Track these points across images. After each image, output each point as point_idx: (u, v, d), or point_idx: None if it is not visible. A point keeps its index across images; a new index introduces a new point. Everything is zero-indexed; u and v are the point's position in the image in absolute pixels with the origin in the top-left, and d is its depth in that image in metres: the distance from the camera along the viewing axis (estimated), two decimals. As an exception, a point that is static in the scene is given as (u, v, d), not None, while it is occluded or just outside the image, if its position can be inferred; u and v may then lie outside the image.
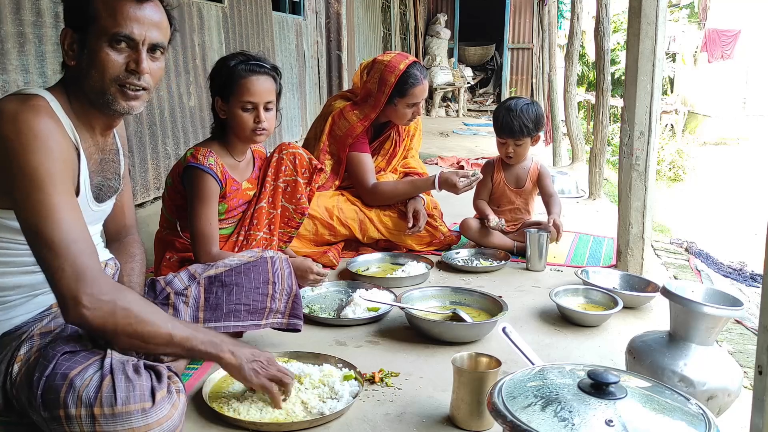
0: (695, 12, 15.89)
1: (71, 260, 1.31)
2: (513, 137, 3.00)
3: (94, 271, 1.34)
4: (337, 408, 1.61)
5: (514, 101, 3.05)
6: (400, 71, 2.88)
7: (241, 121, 2.13)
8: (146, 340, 1.39)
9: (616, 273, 2.63)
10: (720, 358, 1.58)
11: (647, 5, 2.54)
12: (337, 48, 7.21)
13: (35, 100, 1.39)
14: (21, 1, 2.48)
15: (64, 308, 1.33)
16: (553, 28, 8.36)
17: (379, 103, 2.93)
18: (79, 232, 1.35)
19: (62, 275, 1.31)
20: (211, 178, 2.10)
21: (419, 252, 3.02)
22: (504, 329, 1.66)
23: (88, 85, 1.45)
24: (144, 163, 3.35)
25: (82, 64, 1.44)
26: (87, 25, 1.42)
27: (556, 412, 1.11)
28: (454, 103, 12.25)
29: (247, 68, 2.10)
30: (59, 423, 1.34)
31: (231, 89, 2.11)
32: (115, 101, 1.46)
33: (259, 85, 2.11)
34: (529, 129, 2.98)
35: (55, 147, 1.36)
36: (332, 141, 2.99)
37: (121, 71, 1.44)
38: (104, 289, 1.34)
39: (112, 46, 1.42)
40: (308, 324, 2.16)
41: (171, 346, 1.43)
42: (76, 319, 1.33)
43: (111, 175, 1.62)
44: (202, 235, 2.09)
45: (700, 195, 9.75)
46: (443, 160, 6.15)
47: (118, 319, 1.35)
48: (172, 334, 1.42)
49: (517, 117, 2.96)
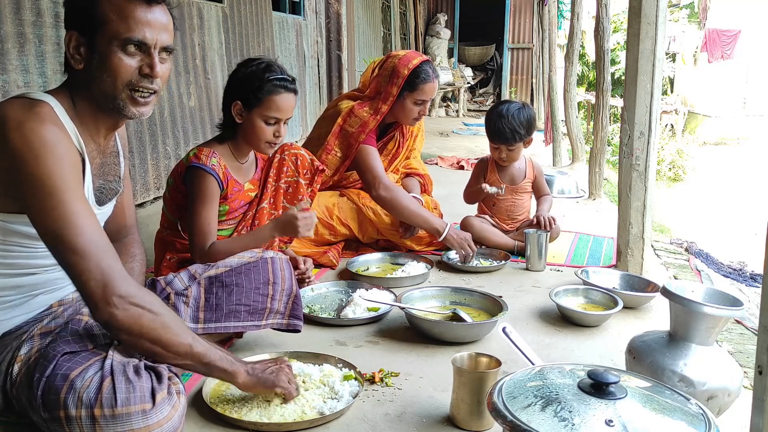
0: (695, 12, 15.89)
1: (97, 263, 1.33)
2: (505, 143, 3.00)
3: (121, 272, 1.37)
4: (337, 408, 1.61)
5: (505, 106, 3.02)
6: (414, 65, 2.88)
7: (260, 133, 2.14)
8: (167, 348, 1.40)
9: (616, 273, 2.63)
10: (720, 358, 1.58)
11: (647, 5, 2.54)
12: (337, 48, 7.22)
13: (40, 106, 1.38)
14: (21, 1, 2.48)
15: (93, 308, 1.35)
16: (553, 28, 8.36)
17: (390, 96, 2.89)
18: (99, 235, 1.37)
19: (90, 277, 1.32)
20: (212, 178, 2.10)
21: (419, 252, 3.02)
22: (504, 329, 1.66)
23: (98, 89, 1.44)
24: (144, 163, 3.35)
25: (92, 68, 1.43)
26: (95, 29, 1.40)
27: (556, 412, 1.11)
28: (454, 103, 12.25)
29: (279, 84, 2.11)
30: (59, 424, 1.34)
31: (258, 100, 2.10)
32: (126, 107, 1.46)
33: (287, 103, 2.14)
34: (521, 135, 2.98)
35: (65, 154, 1.36)
36: (343, 140, 2.94)
37: (134, 75, 1.43)
38: (132, 291, 1.36)
39: (124, 51, 1.41)
40: (308, 324, 2.16)
41: (188, 357, 1.44)
42: (105, 319, 1.35)
43: (112, 178, 1.62)
44: (199, 231, 2.08)
45: (700, 195, 9.74)
46: (443, 160, 6.15)
47: (144, 323, 1.36)
48: (191, 345, 1.43)
49: (508, 123, 2.95)
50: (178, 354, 1.42)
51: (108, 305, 1.33)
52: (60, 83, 1.53)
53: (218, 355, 1.49)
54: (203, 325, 1.80)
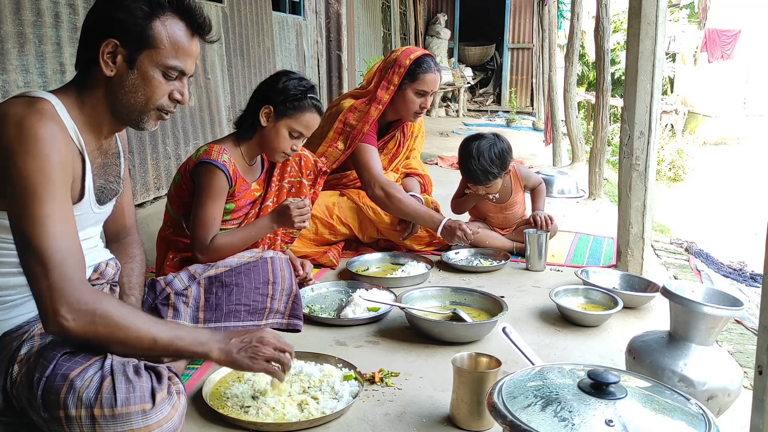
0: (695, 12, 15.89)
1: (54, 270, 1.30)
2: (479, 184, 2.93)
3: (76, 281, 1.33)
4: (337, 408, 1.61)
5: (476, 144, 2.89)
6: (416, 56, 2.90)
7: (281, 141, 2.19)
8: (130, 346, 1.39)
9: (616, 273, 2.63)
10: (720, 358, 1.58)
11: (647, 5, 2.54)
12: (337, 48, 7.21)
13: (40, 103, 1.38)
14: (21, 1, 2.48)
15: (43, 319, 1.33)
16: (553, 28, 8.37)
17: (391, 84, 2.89)
18: (67, 242, 1.34)
19: (43, 285, 1.31)
20: (222, 174, 2.11)
21: (419, 252, 3.02)
22: (504, 329, 1.66)
23: (126, 101, 1.47)
24: (144, 163, 3.35)
25: (125, 80, 1.45)
26: (141, 47, 1.44)
27: (556, 412, 1.11)
28: (454, 103, 12.26)
29: (316, 105, 2.21)
30: (59, 424, 1.34)
31: (293, 110, 2.17)
32: (148, 122, 1.52)
33: (314, 123, 2.24)
34: (494, 173, 2.88)
35: (55, 153, 1.35)
36: (345, 132, 2.93)
37: (165, 98, 1.50)
38: (84, 298, 1.33)
39: (165, 76, 1.47)
40: (308, 324, 2.16)
41: (156, 350, 1.42)
42: (56, 329, 1.32)
43: (112, 178, 1.62)
44: (202, 225, 2.08)
45: (700, 195, 9.74)
46: (443, 160, 6.15)
47: (98, 327, 1.34)
48: (155, 338, 1.40)
49: (479, 165, 2.85)
50: (143, 349, 1.40)
51: (56, 315, 1.30)
52: (59, 83, 1.53)
53: (186, 340, 1.45)
54: (203, 325, 1.80)
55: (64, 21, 2.71)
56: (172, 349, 1.44)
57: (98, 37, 1.43)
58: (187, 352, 1.47)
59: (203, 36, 1.54)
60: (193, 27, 1.51)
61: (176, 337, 1.44)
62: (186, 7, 1.49)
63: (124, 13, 1.43)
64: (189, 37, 1.50)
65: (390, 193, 2.87)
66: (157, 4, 1.45)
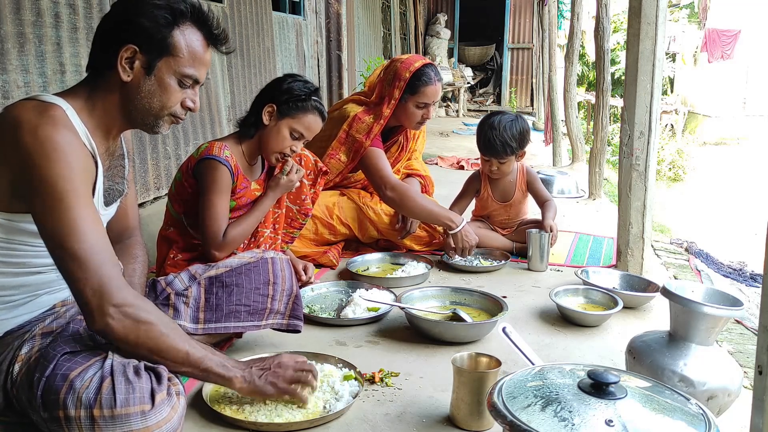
0: (695, 12, 15.89)
1: (95, 271, 1.34)
2: (496, 156, 2.92)
3: (119, 281, 1.37)
4: (337, 408, 1.61)
5: (497, 117, 2.93)
6: (416, 68, 2.86)
7: (281, 140, 2.21)
8: (164, 356, 1.42)
9: (616, 273, 2.63)
10: (720, 358, 1.58)
11: (647, 5, 2.54)
12: (337, 48, 7.21)
13: (53, 110, 1.39)
14: (21, 1, 2.48)
15: (89, 318, 1.36)
16: (553, 28, 8.37)
17: (392, 98, 2.87)
18: (102, 243, 1.38)
19: (87, 286, 1.33)
20: (225, 169, 2.12)
21: (419, 252, 3.02)
22: (504, 329, 1.66)
23: (141, 105, 1.49)
24: (144, 163, 3.35)
25: (142, 86, 1.47)
26: (160, 54, 1.46)
27: (556, 412, 1.11)
28: (454, 103, 12.26)
29: (319, 108, 2.23)
30: (58, 424, 1.34)
31: (295, 110, 2.19)
32: (162, 126, 1.55)
33: (316, 126, 2.26)
34: (513, 148, 2.89)
35: (75, 159, 1.37)
36: (348, 146, 2.92)
37: (177, 105, 1.53)
38: (129, 300, 1.37)
39: (180, 83, 1.51)
40: (308, 324, 2.16)
41: (186, 364, 1.45)
42: (101, 329, 1.36)
43: (118, 179, 1.63)
44: (213, 221, 2.11)
45: (700, 195, 9.75)
46: (443, 160, 6.15)
47: (140, 332, 1.37)
48: (189, 352, 1.44)
49: (499, 135, 2.86)
50: (175, 361, 1.43)
51: (103, 315, 1.34)
52: (59, 83, 1.54)
53: (215, 362, 1.49)
54: (203, 326, 1.80)
55: (64, 21, 2.71)
56: (201, 368, 1.46)
57: (116, 42, 1.45)
58: (213, 373, 1.49)
59: (219, 47, 1.57)
60: (210, 38, 1.54)
61: (205, 356, 1.47)
62: (204, 18, 1.52)
63: (147, 19, 1.44)
64: (205, 47, 1.53)
65: (403, 193, 2.85)
66: (180, 13, 1.47)
